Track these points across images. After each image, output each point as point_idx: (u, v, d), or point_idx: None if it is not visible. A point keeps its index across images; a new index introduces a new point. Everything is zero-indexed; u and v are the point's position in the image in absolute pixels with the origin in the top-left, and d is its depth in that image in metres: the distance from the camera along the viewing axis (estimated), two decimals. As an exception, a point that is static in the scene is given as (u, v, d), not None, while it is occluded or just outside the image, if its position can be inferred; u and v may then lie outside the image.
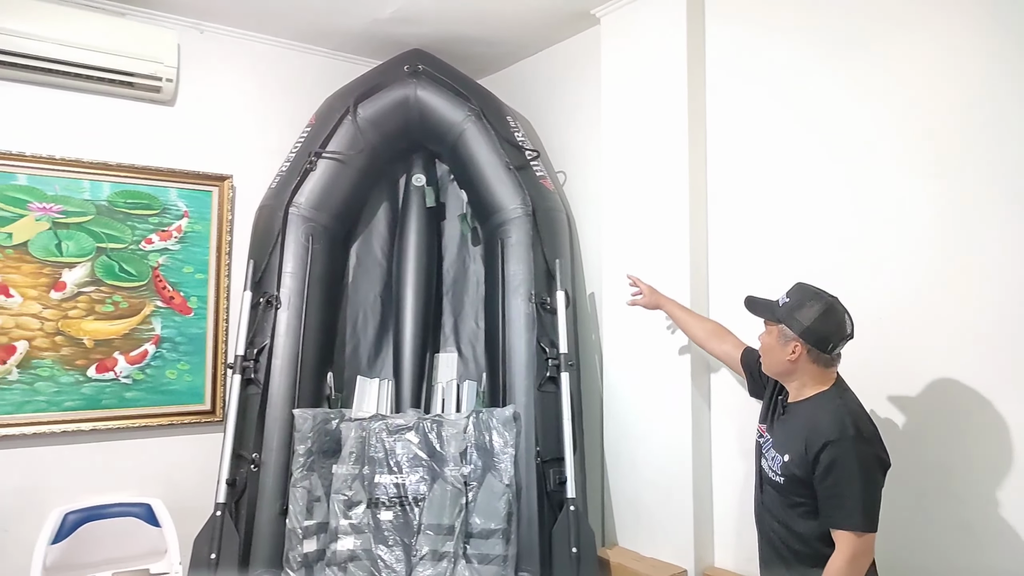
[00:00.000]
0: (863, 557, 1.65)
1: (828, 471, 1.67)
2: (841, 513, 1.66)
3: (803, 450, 1.72)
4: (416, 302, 3.12)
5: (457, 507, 2.62)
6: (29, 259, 2.76)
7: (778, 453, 1.82)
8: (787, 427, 1.83)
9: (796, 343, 1.76)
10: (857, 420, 1.70)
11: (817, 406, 1.76)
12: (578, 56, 3.22)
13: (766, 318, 1.86)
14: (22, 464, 2.73)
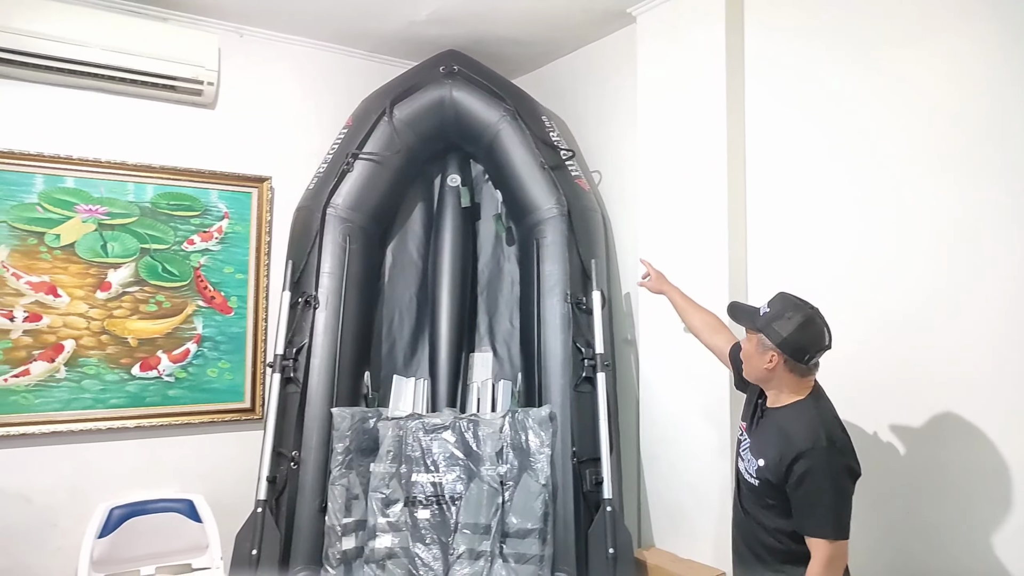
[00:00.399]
0: (838, 561, 1.71)
1: (801, 481, 1.72)
2: (814, 521, 1.71)
3: (777, 458, 1.77)
4: (451, 302, 3.13)
5: (493, 506, 2.63)
6: (76, 260, 2.83)
7: (754, 457, 1.86)
8: (764, 432, 1.87)
9: (773, 353, 1.80)
10: (830, 430, 1.75)
11: (792, 415, 1.80)
12: (613, 55, 3.21)
13: (747, 327, 1.90)
14: (70, 460, 2.80)
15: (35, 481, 2.73)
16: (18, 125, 2.75)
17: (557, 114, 3.42)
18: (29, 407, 2.71)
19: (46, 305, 2.76)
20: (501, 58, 3.47)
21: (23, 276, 2.72)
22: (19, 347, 2.70)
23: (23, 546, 2.71)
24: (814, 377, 1.85)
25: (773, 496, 1.80)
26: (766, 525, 1.84)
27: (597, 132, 3.32)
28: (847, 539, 1.71)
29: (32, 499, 2.72)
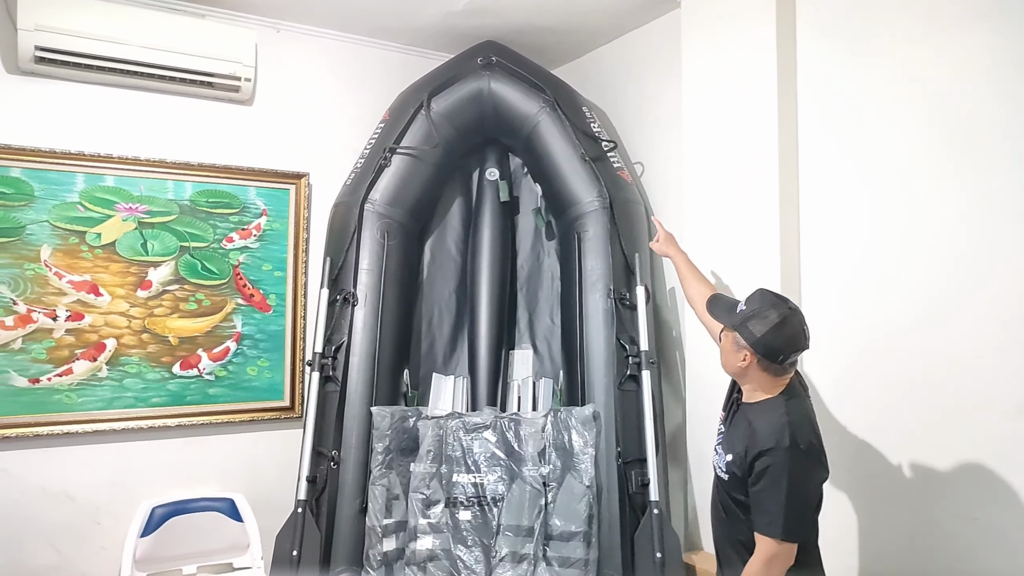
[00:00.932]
0: (779, 562, 1.72)
1: (759, 478, 1.74)
2: (764, 519, 1.73)
3: (743, 453, 1.79)
4: (490, 298, 3.08)
5: (536, 508, 2.57)
6: (117, 258, 2.83)
7: (724, 451, 1.89)
8: (735, 427, 1.89)
9: (747, 352, 1.81)
10: (796, 431, 1.74)
11: (761, 412, 1.81)
12: (656, 42, 3.10)
13: (723, 323, 1.90)
14: (112, 459, 2.81)
15: (78, 480, 2.74)
16: (59, 124, 2.76)
17: (598, 104, 3.34)
18: (72, 406, 2.72)
19: (88, 304, 2.77)
20: (540, 48, 3.39)
21: (65, 275, 2.73)
22: (62, 346, 2.71)
23: (68, 544, 2.72)
24: (790, 375, 1.85)
25: (741, 491, 1.82)
26: (740, 520, 1.85)
27: (639, 122, 3.22)
28: (795, 543, 1.72)
29: (76, 498, 2.74)
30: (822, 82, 2.45)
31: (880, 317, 2.25)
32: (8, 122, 2.67)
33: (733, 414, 1.94)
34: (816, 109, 2.47)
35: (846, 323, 2.34)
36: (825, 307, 2.40)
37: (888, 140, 2.25)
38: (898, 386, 2.18)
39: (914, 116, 2.17)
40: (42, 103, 2.73)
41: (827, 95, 2.43)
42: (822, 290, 2.43)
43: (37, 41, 2.60)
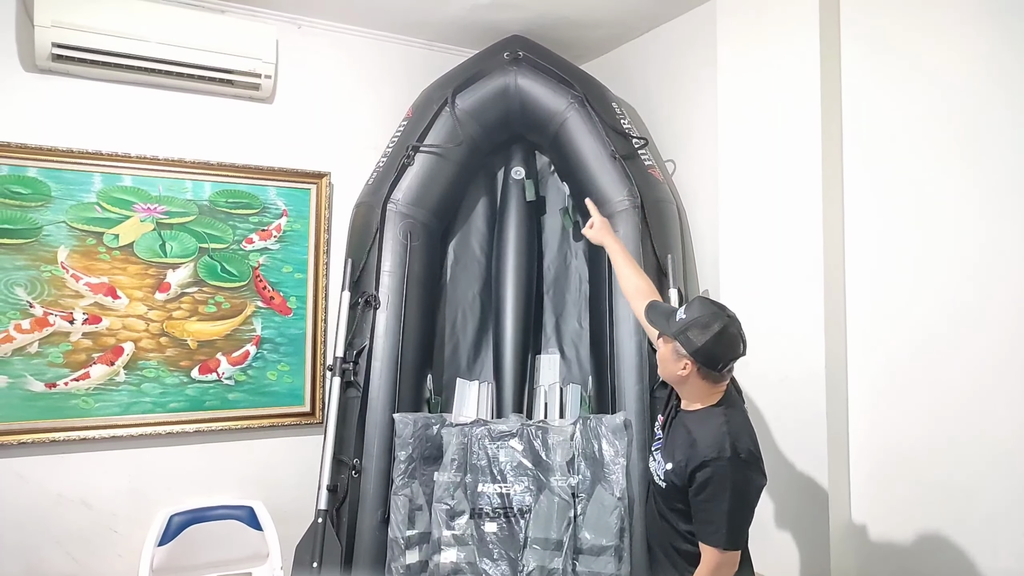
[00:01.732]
0: (725, 569, 1.75)
1: (702, 488, 1.74)
2: (708, 529, 1.75)
3: (683, 462, 1.79)
4: (516, 301, 2.98)
5: (565, 520, 2.46)
6: (135, 260, 2.77)
7: (663, 459, 1.89)
8: (675, 435, 1.88)
9: (687, 360, 1.81)
10: (736, 441, 1.75)
11: (701, 422, 1.82)
12: (690, 35, 2.99)
13: (661, 331, 1.89)
14: (130, 465, 2.75)
15: (95, 486, 2.69)
16: (76, 123, 2.70)
17: (628, 101, 3.22)
18: (89, 411, 2.67)
19: (105, 307, 2.71)
20: (568, 43, 3.28)
21: (82, 277, 2.67)
22: (79, 350, 2.66)
23: (84, 552, 2.67)
24: (727, 382, 1.86)
25: (680, 499, 1.82)
26: (677, 527, 1.86)
27: (671, 119, 3.10)
28: (738, 550, 1.75)
29: (92, 505, 2.68)
30: (868, 76, 2.33)
31: (926, 320, 2.14)
32: (25, 121, 2.62)
33: (671, 421, 1.93)
34: (861, 106, 2.34)
35: (892, 327, 2.23)
36: (871, 313, 2.28)
37: (933, 143, 2.12)
38: (943, 388, 2.08)
39: (959, 112, 2.04)
40: (59, 101, 2.68)
41: (874, 90, 2.31)
42: (867, 296, 2.30)
43: (54, 38, 2.55)
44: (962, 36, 2.08)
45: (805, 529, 2.36)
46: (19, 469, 2.58)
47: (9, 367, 2.56)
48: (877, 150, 2.29)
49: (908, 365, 2.19)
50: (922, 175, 2.17)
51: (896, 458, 2.21)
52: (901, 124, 2.22)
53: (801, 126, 2.41)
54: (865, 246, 2.33)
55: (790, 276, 2.41)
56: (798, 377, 2.40)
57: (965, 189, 2.06)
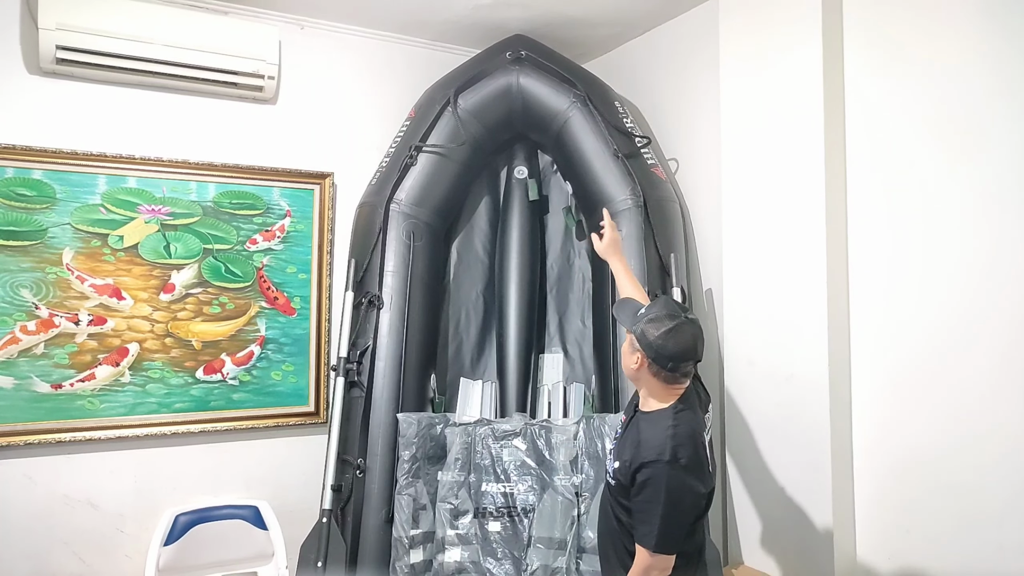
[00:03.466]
0: (655, 572, 1.76)
1: (640, 489, 1.77)
2: (643, 529, 1.77)
3: (628, 462, 1.82)
4: (519, 300, 2.98)
5: (569, 520, 2.47)
6: (140, 261, 2.78)
7: (613, 457, 1.92)
8: (628, 435, 1.91)
9: (639, 354, 1.84)
10: (678, 447, 1.76)
11: (651, 423, 1.83)
12: (692, 33, 2.98)
13: (624, 325, 1.93)
14: (135, 465, 2.76)
15: (101, 487, 2.70)
16: (81, 125, 2.71)
17: (630, 99, 3.22)
18: (95, 412, 2.68)
19: (110, 308, 2.72)
20: (570, 42, 3.28)
21: (87, 279, 2.69)
22: (84, 351, 2.67)
23: (91, 553, 2.68)
24: (683, 386, 1.86)
25: (626, 497, 1.85)
26: (623, 526, 1.88)
27: (674, 117, 3.10)
28: (671, 554, 1.75)
29: (99, 505, 2.69)
30: (871, 74, 2.32)
31: (931, 318, 2.13)
32: (30, 123, 2.63)
33: (629, 420, 1.96)
34: (864, 104, 2.33)
35: (896, 325, 2.22)
36: (875, 311, 2.28)
37: (937, 142, 2.11)
38: (948, 387, 2.08)
39: (962, 108, 2.03)
40: (64, 104, 2.69)
41: (877, 88, 2.30)
42: (870, 294, 2.30)
43: (58, 40, 2.56)
44: (964, 34, 2.07)
45: (808, 526, 2.36)
46: (26, 470, 2.59)
47: (15, 368, 2.57)
48: (880, 148, 2.29)
49: (913, 363, 2.18)
50: (926, 174, 2.16)
51: (901, 458, 2.20)
52: (904, 123, 2.22)
53: (804, 124, 2.40)
54: (869, 244, 2.32)
55: (793, 275, 2.41)
56: (803, 375, 2.39)
57: (969, 188, 2.05)
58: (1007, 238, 1.96)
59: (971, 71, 2.05)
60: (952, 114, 2.09)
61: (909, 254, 2.20)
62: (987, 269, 2.00)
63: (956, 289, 2.07)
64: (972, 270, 2.03)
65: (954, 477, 2.06)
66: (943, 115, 2.11)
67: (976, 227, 2.03)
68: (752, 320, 2.58)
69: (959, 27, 2.08)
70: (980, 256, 2.02)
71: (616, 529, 1.92)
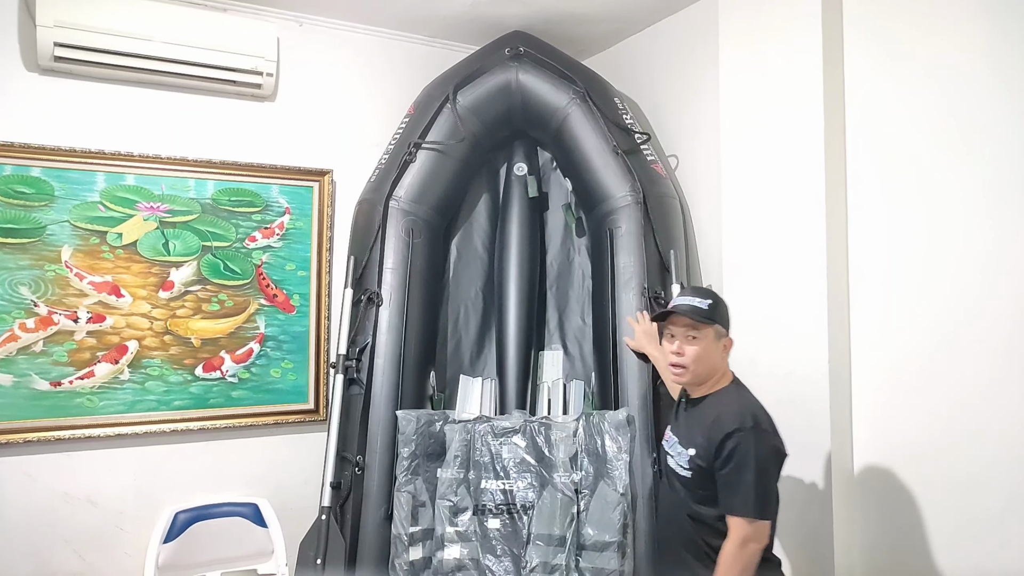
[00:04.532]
0: (753, 543, 1.74)
1: (727, 459, 1.77)
2: (736, 499, 1.76)
3: (706, 442, 1.81)
4: (519, 297, 2.97)
5: (568, 517, 2.46)
6: (138, 259, 2.78)
7: (684, 448, 1.91)
8: (691, 422, 1.92)
9: (727, 339, 1.94)
10: (756, 412, 1.82)
11: (720, 400, 1.88)
12: (692, 29, 2.97)
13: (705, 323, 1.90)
14: (134, 463, 2.76)
15: (101, 485, 2.70)
16: (79, 123, 2.71)
17: (630, 96, 3.21)
18: (94, 409, 2.68)
19: (109, 305, 2.72)
20: (570, 38, 3.27)
21: (86, 276, 2.68)
22: (83, 348, 2.67)
23: (91, 551, 2.68)
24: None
25: (706, 484, 1.83)
26: (707, 520, 1.85)
27: (674, 114, 3.09)
28: (767, 520, 1.76)
29: (98, 503, 2.69)
30: (870, 70, 2.31)
31: (931, 314, 2.13)
32: (28, 121, 2.63)
33: (680, 415, 2.01)
34: (864, 101, 2.32)
35: (896, 322, 2.21)
36: (875, 307, 2.27)
37: (937, 138, 2.11)
38: (948, 383, 2.08)
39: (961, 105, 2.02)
40: (62, 101, 2.69)
41: (877, 83, 2.29)
42: (870, 291, 2.29)
43: (56, 38, 2.56)
44: (964, 31, 2.06)
45: (808, 522, 2.35)
46: (26, 468, 2.60)
47: (14, 366, 2.57)
48: (880, 144, 2.28)
49: (913, 359, 2.18)
50: (926, 170, 2.15)
51: (901, 453, 2.20)
52: (905, 118, 2.21)
53: (804, 120, 2.39)
54: (868, 241, 2.31)
55: (793, 271, 2.40)
56: (803, 372, 2.39)
57: (969, 184, 2.04)
58: (1007, 235, 1.95)
59: (971, 67, 2.04)
60: (952, 110, 2.08)
61: (909, 250, 2.19)
62: (987, 266, 1.99)
63: (956, 286, 2.06)
64: (972, 267, 2.03)
65: (954, 473, 2.05)
66: (943, 111, 2.10)
67: (976, 224, 2.02)
68: (752, 317, 2.57)
69: (959, 22, 2.07)
70: (980, 253, 2.01)
71: (691, 531, 1.89)
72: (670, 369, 1.97)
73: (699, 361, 1.90)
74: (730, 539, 1.75)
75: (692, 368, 1.91)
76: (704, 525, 1.86)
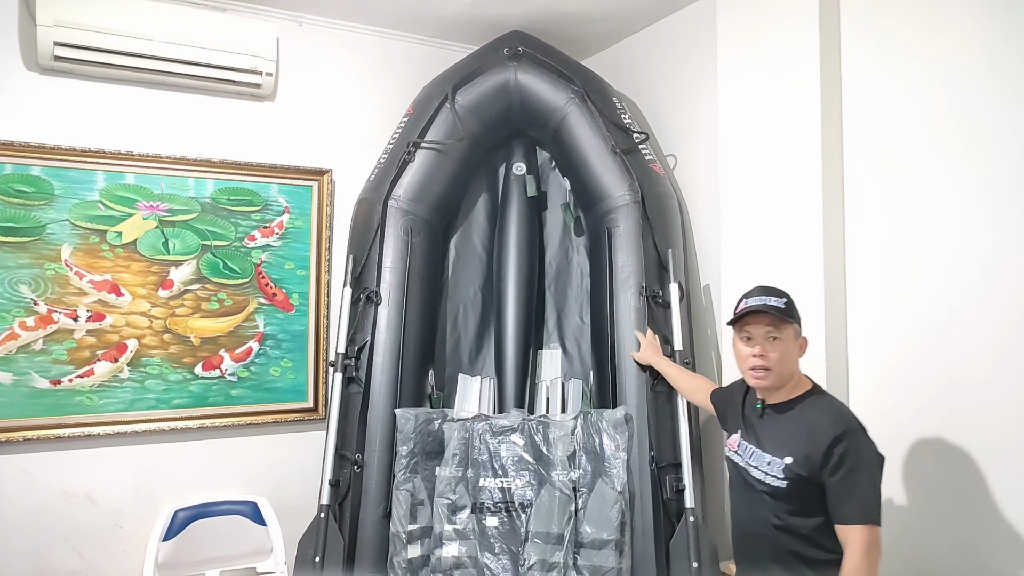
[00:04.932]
0: (876, 549, 1.64)
1: (838, 466, 1.66)
2: (851, 507, 1.65)
3: (808, 448, 1.70)
4: (518, 296, 2.98)
5: (566, 515, 2.47)
6: (138, 258, 2.78)
7: (775, 456, 1.77)
8: (779, 429, 1.81)
9: (802, 337, 1.85)
10: (853, 415, 1.75)
11: (812, 404, 1.79)
12: (691, 29, 2.98)
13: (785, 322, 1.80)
14: (134, 461, 2.77)
15: (100, 483, 2.71)
16: (79, 122, 2.72)
17: (629, 95, 3.22)
18: (93, 408, 2.69)
19: (109, 304, 2.73)
20: (569, 38, 3.29)
21: (86, 275, 2.69)
22: (83, 347, 2.68)
23: (91, 549, 2.69)
24: None
25: (804, 494, 1.72)
26: (800, 531, 1.74)
27: (672, 113, 3.10)
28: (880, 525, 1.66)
29: (97, 501, 2.70)
30: (867, 72, 2.32)
31: (927, 313, 2.13)
32: (28, 120, 2.64)
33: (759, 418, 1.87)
34: (861, 99, 2.33)
35: (892, 320, 2.22)
36: (872, 306, 2.28)
37: (934, 134, 2.11)
38: (944, 382, 2.09)
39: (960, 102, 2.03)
40: (62, 100, 2.70)
41: (873, 84, 2.30)
42: (867, 288, 2.30)
43: (56, 37, 2.57)
44: (961, 27, 2.07)
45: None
46: (25, 466, 2.60)
47: (14, 364, 2.58)
48: (877, 142, 2.28)
49: (910, 356, 2.18)
50: (923, 167, 2.16)
51: (897, 451, 2.20)
52: (902, 116, 2.21)
53: (802, 119, 2.40)
54: (866, 237, 2.32)
55: (791, 269, 2.41)
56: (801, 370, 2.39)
57: (967, 181, 2.04)
58: (1005, 231, 1.96)
59: (968, 63, 2.04)
60: (949, 107, 2.09)
61: (906, 247, 2.19)
62: (984, 263, 2.00)
63: (953, 283, 2.07)
64: (969, 264, 2.03)
65: (952, 469, 2.06)
66: (940, 108, 2.11)
67: (973, 221, 2.03)
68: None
69: (954, 19, 2.08)
70: (977, 250, 2.01)
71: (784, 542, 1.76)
72: (750, 373, 1.83)
73: (783, 363, 1.79)
74: (854, 549, 1.63)
75: (776, 370, 1.79)
76: (798, 536, 1.74)
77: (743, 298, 1.86)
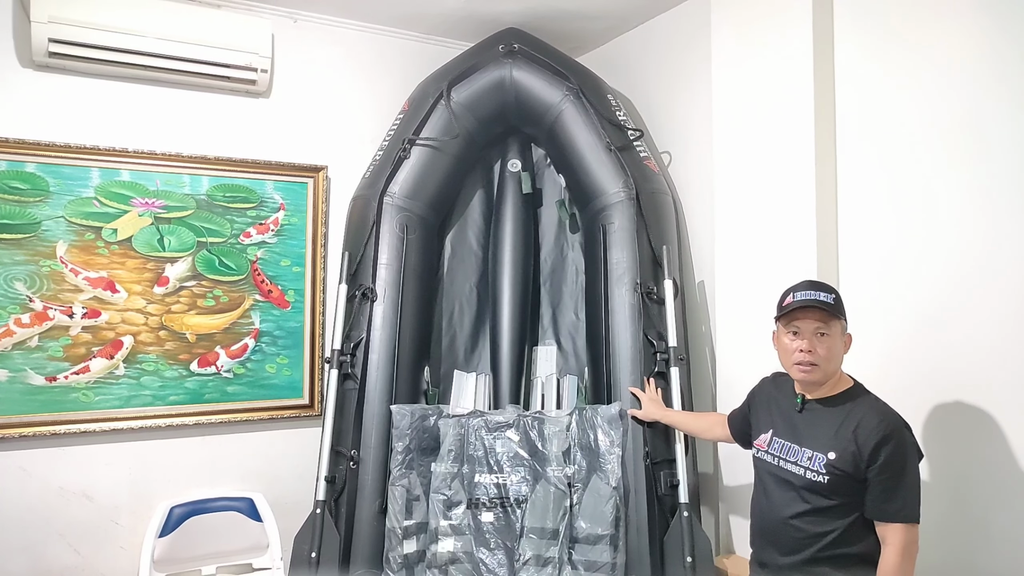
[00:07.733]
0: (914, 547, 1.66)
1: (886, 465, 1.66)
2: (893, 505, 1.66)
3: (854, 446, 1.69)
4: (513, 293, 2.99)
5: (561, 510, 2.48)
6: (133, 254, 2.79)
7: (819, 452, 1.75)
8: (820, 425, 1.78)
9: (847, 334, 1.82)
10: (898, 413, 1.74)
11: (858, 402, 1.77)
12: (685, 27, 2.99)
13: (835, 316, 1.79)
14: (130, 458, 2.77)
15: (96, 479, 2.72)
16: (74, 118, 2.72)
17: (623, 92, 3.23)
18: (89, 404, 2.69)
19: (104, 301, 2.73)
20: (564, 35, 3.29)
21: (81, 272, 2.69)
22: (78, 344, 2.68)
23: (87, 545, 2.70)
24: None
25: (844, 490, 1.70)
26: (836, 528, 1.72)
27: (667, 110, 3.11)
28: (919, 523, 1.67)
29: (94, 497, 2.71)
30: (860, 68, 2.33)
31: (921, 311, 2.15)
32: (22, 116, 2.63)
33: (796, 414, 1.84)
34: (854, 94, 2.34)
35: (886, 318, 2.23)
36: (862, 300, 2.29)
37: (928, 131, 2.12)
38: (931, 372, 2.10)
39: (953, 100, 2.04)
40: (56, 97, 2.69)
41: (866, 80, 2.31)
42: (860, 285, 2.31)
43: (51, 33, 2.57)
44: (954, 20, 2.07)
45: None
46: (21, 463, 2.61)
47: (9, 361, 2.58)
48: (871, 138, 2.29)
49: (903, 354, 2.19)
50: (916, 161, 2.16)
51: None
52: (895, 111, 2.22)
53: (795, 115, 2.41)
54: (859, 232, 2.33)
55: (785, 268, 2.41)
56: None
57: (962, 175, 2.04)
58: (1000, 226, 1.96)
59: (961, 57, 2.05)
60: (943, 101, 2.09)
61: (899, 241, 2.20)
62: (979, 257, 2.00)
63: (947, 278, 2.07)
64: (963, 258, 2.03)
65: (948, 464, 2.07)
66: (933, 102, 2.11)
67: (968, 215, 2.03)
68: (744, 312, 2.59)
69: (948, 12, 2.08)
70: (971, 245, 2.02)
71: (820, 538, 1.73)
72: (796, 368, 1.80)
73: (830, 359, 1.78)
74: (892, 547, 1.64)
75: (823, 366, 1.77)
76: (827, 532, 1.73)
77: (790, 291, 1.83)
